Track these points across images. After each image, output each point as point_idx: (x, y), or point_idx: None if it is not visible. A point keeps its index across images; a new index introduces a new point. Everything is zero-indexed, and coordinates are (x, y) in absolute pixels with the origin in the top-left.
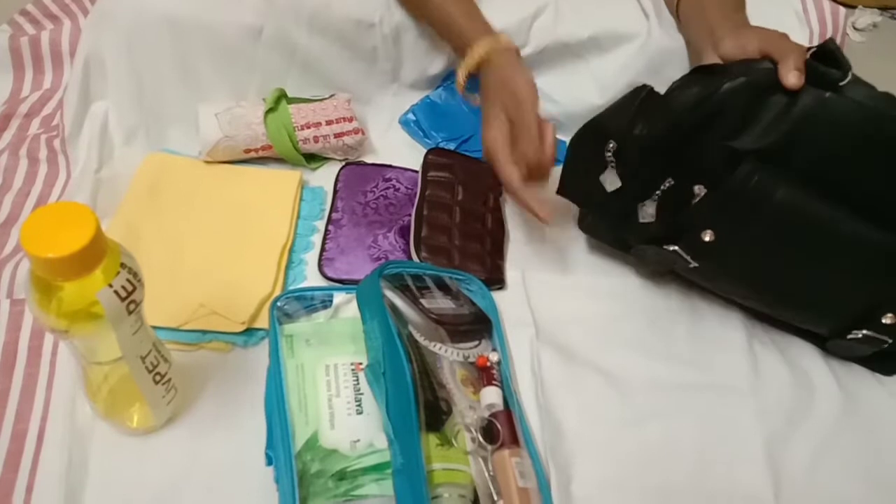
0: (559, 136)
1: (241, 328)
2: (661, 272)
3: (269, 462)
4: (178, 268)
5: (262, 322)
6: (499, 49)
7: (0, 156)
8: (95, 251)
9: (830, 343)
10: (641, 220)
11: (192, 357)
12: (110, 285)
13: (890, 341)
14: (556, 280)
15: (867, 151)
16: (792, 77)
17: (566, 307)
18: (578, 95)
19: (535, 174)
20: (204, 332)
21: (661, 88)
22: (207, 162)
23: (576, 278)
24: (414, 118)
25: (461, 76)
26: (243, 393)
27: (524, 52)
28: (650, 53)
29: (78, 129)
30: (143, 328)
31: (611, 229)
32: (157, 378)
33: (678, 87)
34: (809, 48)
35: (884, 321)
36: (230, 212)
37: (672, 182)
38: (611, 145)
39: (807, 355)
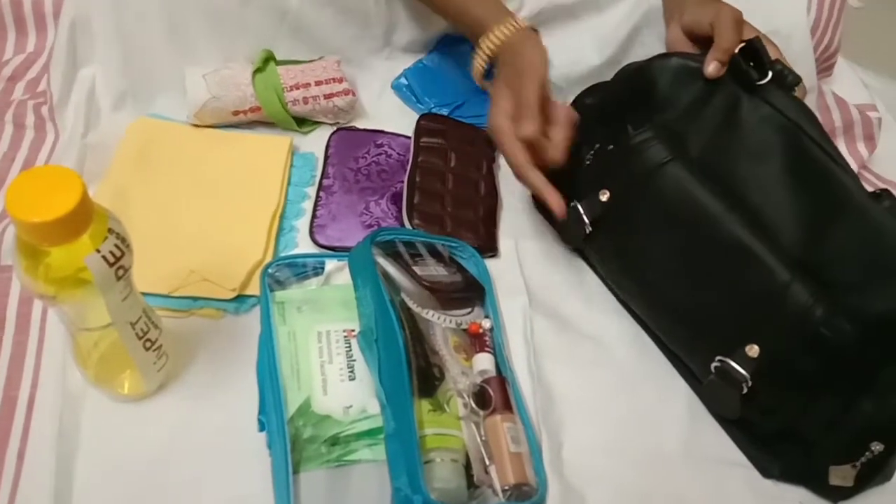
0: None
1: (232, 295)
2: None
3: (262, 428)
4: (168, 234)
5: (254, 289)
6: (516, 32)
7: None
8: (82, 216)
9: (703, 385)
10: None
11: (183, 324)
12: (98, 250)
13: (749, 381)
14: (549, 248)
15: (774, 162)
16: (711, 67)
17: (559, 275)
18: (576, 58)
19: (539, 158)
20: (195, 298)
21: (659, 43)
22: (196, 126)
23: (568, 246)
24: (406, 83)
25: (479, 63)
26: (235, 360)
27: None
28: (647, 6)
29: (66, 96)
30: (132, 294)
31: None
32: (148, 344)
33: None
34: (744, 42)
35: (748, 352)
36: (220, 177)
37: (598, 145)
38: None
39: None
